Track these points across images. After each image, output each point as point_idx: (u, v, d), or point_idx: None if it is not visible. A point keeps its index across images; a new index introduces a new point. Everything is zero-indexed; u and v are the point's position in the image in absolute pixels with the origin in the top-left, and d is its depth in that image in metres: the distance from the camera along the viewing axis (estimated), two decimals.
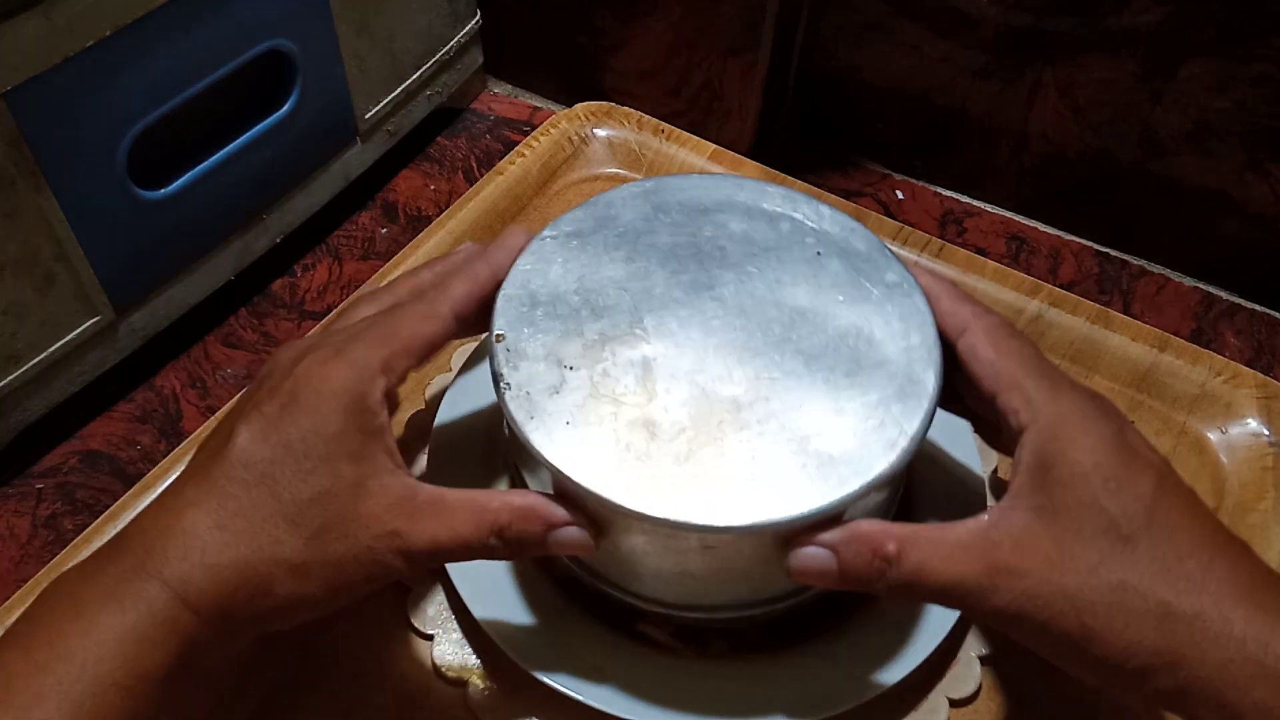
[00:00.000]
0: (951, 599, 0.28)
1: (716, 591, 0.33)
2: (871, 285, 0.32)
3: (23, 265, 0.40)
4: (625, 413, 0.29)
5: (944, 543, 0.28)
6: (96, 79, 0.39)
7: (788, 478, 0.28)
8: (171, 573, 0.27)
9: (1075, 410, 0.29)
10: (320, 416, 0.28)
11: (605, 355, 0.31)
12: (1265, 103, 0.48)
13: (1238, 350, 0.52)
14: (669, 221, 0.34)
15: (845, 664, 0.35)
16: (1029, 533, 0.27)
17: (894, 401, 0.30)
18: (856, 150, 0.61)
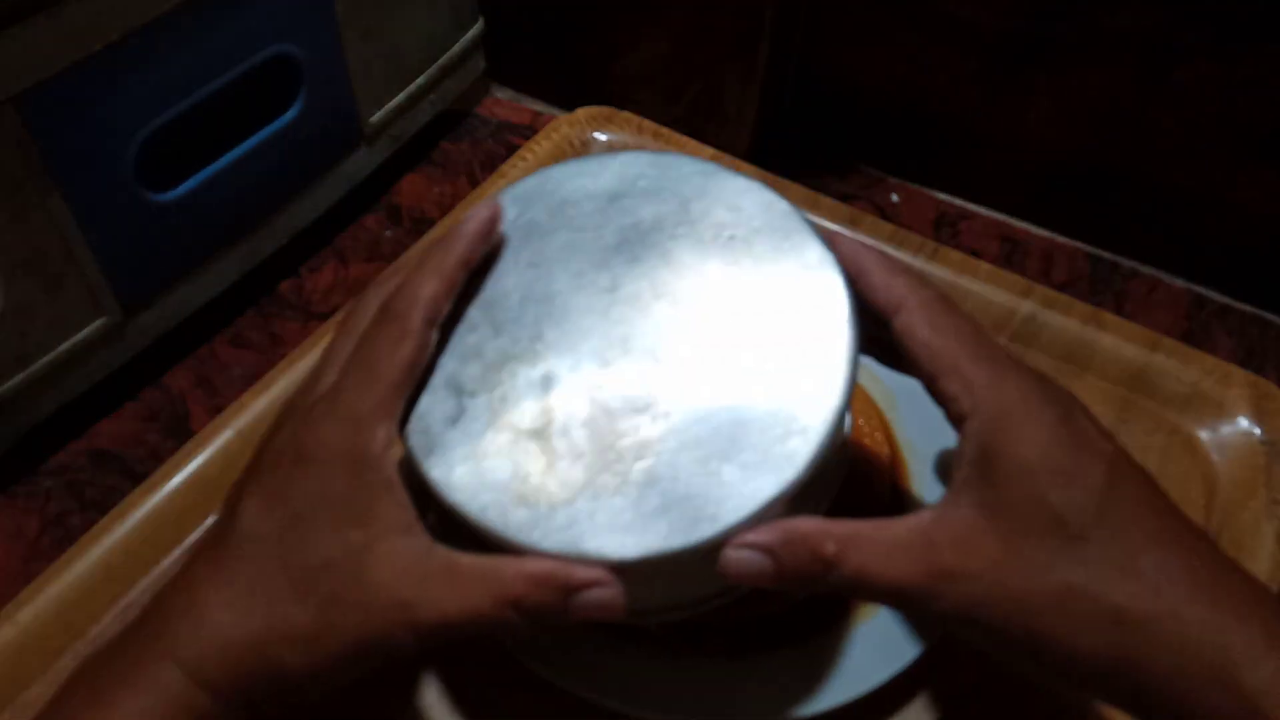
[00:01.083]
0: (895, 602, 0.27)
1: (648, 598, 0.31)
2: (787, 268, 0.30)
3: (32, 266, 0.40)
4: (524, 441, 0.28)
5: (883, 543, 0.26)
6: (105, 83, 0.39)
7: (691, 496, 0.26)
8: (184, 654, 0.26)
9: (1020, 396, 0.27)
10: (323, 481, 0.26)
11: (504, 377, 0.29)
12: (1256, 106, 0.49)
13: (1229, 350, 0.52)
14: (575, 215, 0.31)
15: (841, 660, 0.36)
16: (973, 531, 0.26)
17: (804, 394, 0.27)
18: (853, 154, 0.62)
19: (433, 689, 0.36)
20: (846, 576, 0.26)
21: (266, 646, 0.26)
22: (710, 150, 0.54)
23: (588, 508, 0.26)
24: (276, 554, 0.26)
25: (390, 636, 0.25)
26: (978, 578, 0.25)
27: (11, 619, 0.37)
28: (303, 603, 0.26)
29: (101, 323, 0.44)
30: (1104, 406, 0.46)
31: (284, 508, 0.27)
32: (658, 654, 0.36)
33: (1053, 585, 0.25)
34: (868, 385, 0.44)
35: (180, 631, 0.26)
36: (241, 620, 0.26)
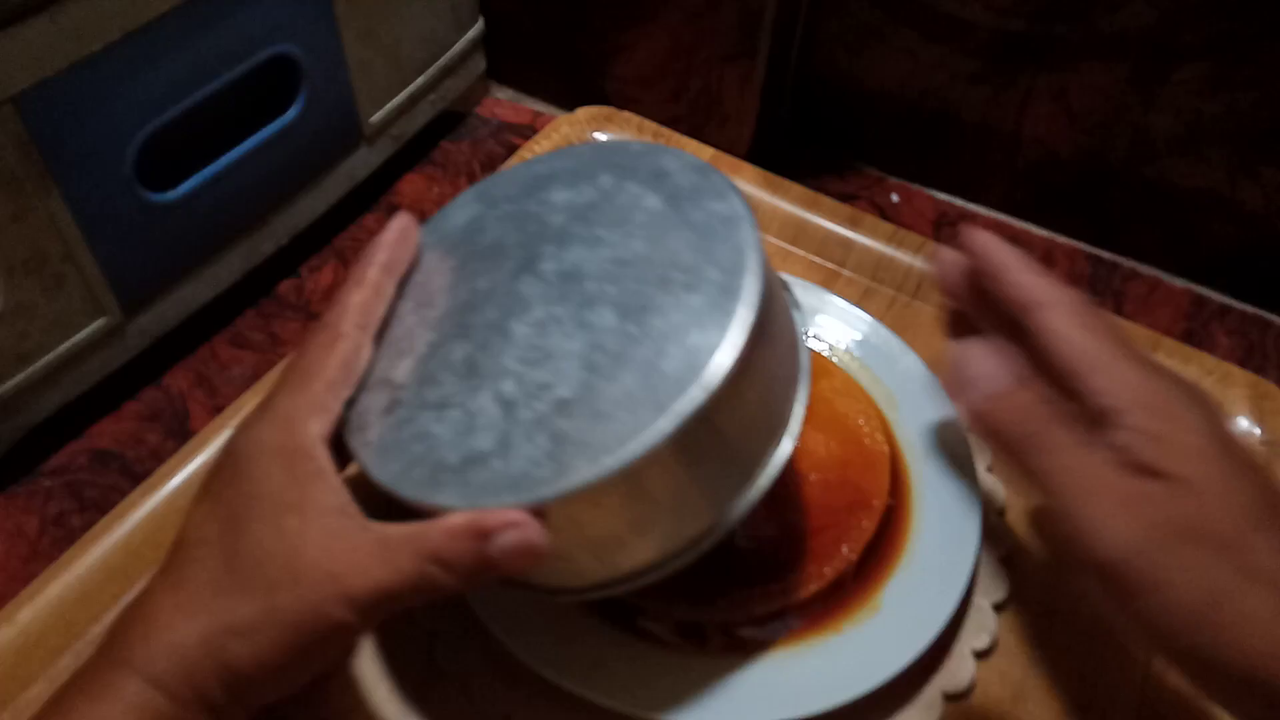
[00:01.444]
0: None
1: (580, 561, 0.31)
2: (693, 222, 0.31)
3: (32, 266, 0.40)
4: (446, 418, 0.29)
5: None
6: (105, 83, 0.40)
7: (593, 443, 0.27)
8: (138, 660, 0.27)
9: (1173, 395, 0.27)
10: (257, 478, 0.28)
11: (432, 367, 0.30)
12: (1256, 106, 0.49)
13: (1229, 350, 0.52)
14: (498, 213, 0.33)
15: (841, 658, 0.36)
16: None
17: (698, 345, 0.28)
18: (852, 154, 0.62)
19: (434, 690, 0.36)
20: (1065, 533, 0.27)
21: (214, 642, 0.27)
22: (710, 150, 0.54)
23: (501, 465, 0.28)
24: (219, 553, 0.27)
25: (327, 612, 0.26)
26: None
27: (11, 619, 0.37)
28: (245, 594, 0.27)
29: (101, 323, 0.44)
30: None
31: (225, 509, 0.28)
32: (659, 654, 0.36)
33: (1208, 588, 0.26)
34: (868, 385, 0.44)
35: (134, 639, 0.27)
36: (189, 620, 0.27)
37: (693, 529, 0.31)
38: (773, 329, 0.30)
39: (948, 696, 0.36)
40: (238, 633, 0.27)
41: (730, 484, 0.30)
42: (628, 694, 0.34)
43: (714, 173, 0.32)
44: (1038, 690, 0.37)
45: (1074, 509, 0.27)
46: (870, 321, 0.46)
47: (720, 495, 0.30)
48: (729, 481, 0.30)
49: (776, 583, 0.37)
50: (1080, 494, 0.27)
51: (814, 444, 0.41)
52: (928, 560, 0.38)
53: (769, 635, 0.37)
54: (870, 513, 0.39)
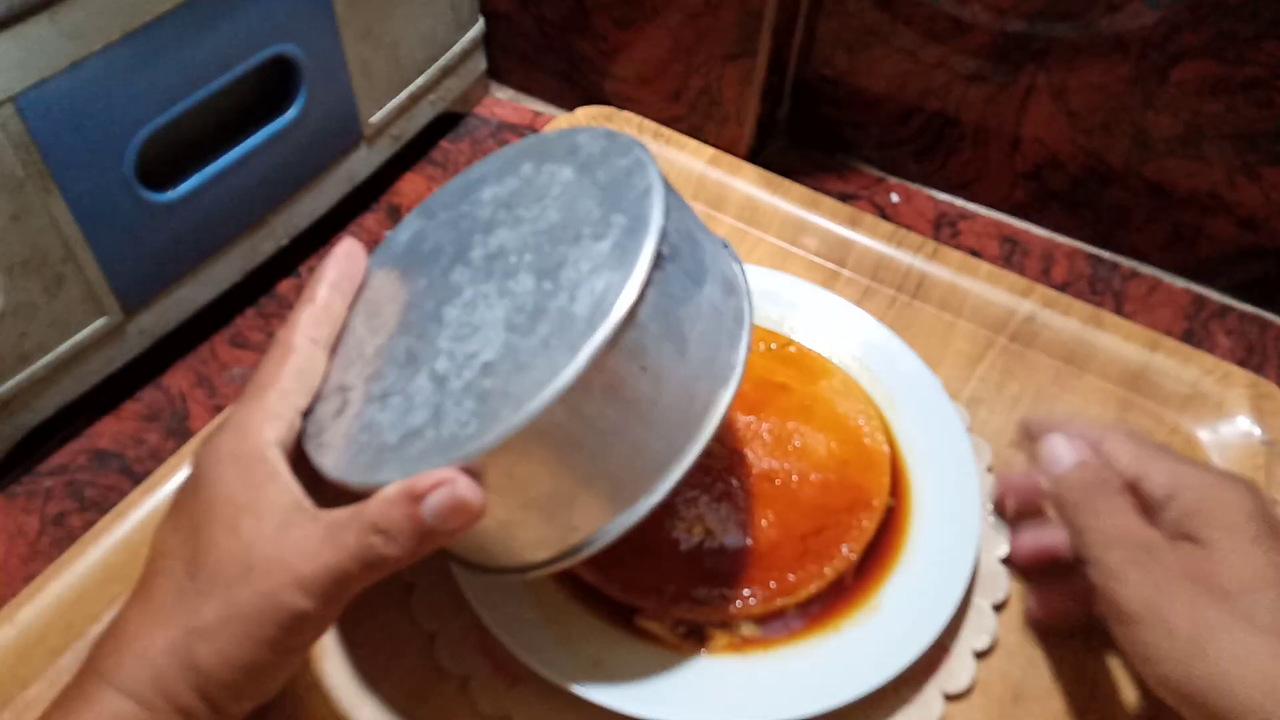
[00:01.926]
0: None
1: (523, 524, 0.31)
2: (601, 181, 0.31)
3: (32, 266, 0.40)
4: (387, 407, 0.30)
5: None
6: (105, 83, 0.40)
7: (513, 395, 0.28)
8: (108, 669, 0.28)
9: (1222, 482, 0.33)
10: (215, 486, 0.29)
11: (378, 367, 0.31)
12: (1256, 106, 0.49)
13: (1229, 350, 0.52)
14: (436, 223, 0.35)
15: (841, 658, 0.36)
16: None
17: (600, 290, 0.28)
18: (852, 154, 0.62)
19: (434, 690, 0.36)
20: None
21: (180, 647, 0.28)
22: (710, 150, 0.54)
23: (434, 434, 0.28)
24: (182, 562, 0.29)
25: (283, 600, 0.27)
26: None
27: (11, 619, 0.37)
28: (207, 596, 0.28)
29: (101, 323, 0.44)
30: (1104, 406, 0.46)
31: (187, 519, 0.29)
32: (659, 653, 0.36)
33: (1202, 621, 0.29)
34: (868, 386, 0.44)
35: (106, 652, 0.29)
36: (157, 630, 0.28)
37: (642, 477, 0.30)
38: (690, 264, 0.30)
39: (948, 697, 0.36)
40: (202, 634, 0.28)
41: (671, 426, 0.30)
42: (628, 694, 0.34)
43: (620, 135, 0.32)
44: (1038, 690, 0.37)
45: (1100, 555, 0.32)
46: (870, 321, 0.46)
47: (664, 438, 0.30)
48: (669, 423, 0.30)
49: (776, 582, 0.37)
50: (1107, 543, 0.32)
51: (814, 444, 0.41)
52: (927, 560, 0.38)
53: (769, 635, 0.37)
54: (870, 513, 0.39)
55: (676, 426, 0.30)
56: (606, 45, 0.59)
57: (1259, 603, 0.29)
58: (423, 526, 0.27)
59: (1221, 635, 0.29)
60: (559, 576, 0.37)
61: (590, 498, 0.30)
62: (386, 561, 0.27)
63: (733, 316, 0.32)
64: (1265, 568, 0.30)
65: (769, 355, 0.45)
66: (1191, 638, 0.29)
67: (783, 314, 0.47)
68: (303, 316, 0.32)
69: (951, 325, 0.49)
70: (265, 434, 0.29)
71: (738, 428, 0.41)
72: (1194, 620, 0.29)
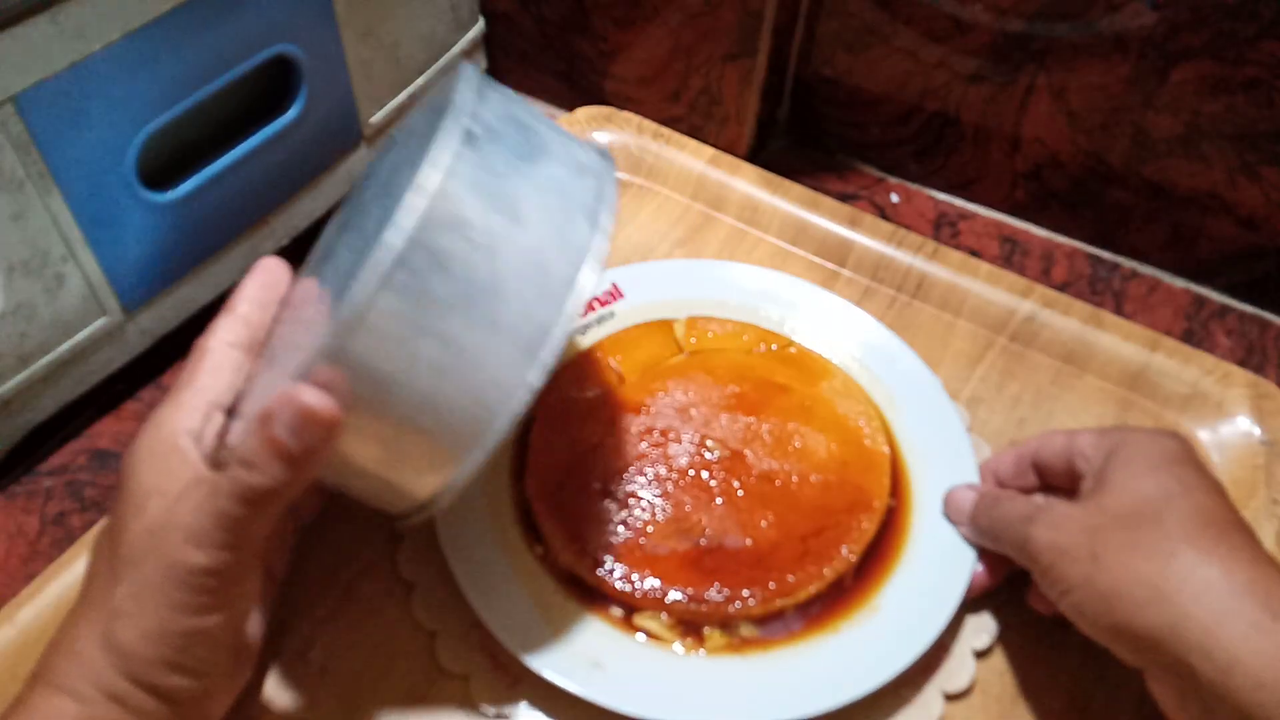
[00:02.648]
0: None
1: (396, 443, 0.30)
2: (434, 102, 0.32)
3: (32, 266, 0.40)
4: (270, 371, 0.31)
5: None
6: (105, 83, 0.40)
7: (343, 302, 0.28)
8: (44, 669, 0.29)
9: (1142, 431, 0.36)
10: (132, 479, 0.30)
11: (277, 349, 0.32)
12: (1256, 106, 0.49)
13: (1229, 350, 0.52)
14: (348, 209, 0.36)
15: (841, 658, 0.36)
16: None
17: (411, 189, 0.28)
18: (852, 154, 0.62)
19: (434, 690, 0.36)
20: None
21: (104, 633, 0.29)
22: (710, 150, 0.54)
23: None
24: (106, 560, 0.30)
25: (178, 559, 0.28)
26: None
27: (11, 619, 0.37)
28: (121, 579, 0.29)
29: (102, 322, 0.44)
30: (1104, 407, 0.46)
31: (114, 520, 0.30)
32: (658, 654, 0.36)
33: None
34: (868, 386, 0.44)
35: (46, 656, 0.30)
36: (87, 625, 0.29)
37: (511, 358, 0.29)
38: (518, 144, 0.30)
39: (947, 696, 0.36)
40: (118, 615, 0.29)
41: (527, 300, 0.29)
42: (626, 694, 0.34)
43: (464, 66, 0.32)
44: (1038, 690, 0.37)
45: (1010, 534, 0.35)
46: (871, 322, 0.46)
47: (523, 312, 0.29)
48: (524, 296, 0.29)
49: (776, 583, 0.37)
50: (1010, 523, 0.35)
51: (814, 444, 0.41)
52: (927, 561, 0.38)
53: (768, 636, 0.37)
54: (870, 513, 0.39)
55: (535, 300, 0.29)
56: (606, 45, 0.59)
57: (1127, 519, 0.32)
58: (281, 447, 0.27)
59: (1107, 543, 0.32)
60: (559, 576, 0.37)
61: (462, 386, 0.29)
62: (261, 492, 0.28)
63: (589, 195, 0.31)
64: (1149, 490, 0.32)
65: (769, 356, 0.45)
66: (1089, 554, 0.32)
67: (783, 314, 0.47)
68: (219, 323, 0.34)
69: (951, 325, 0.49)
70: (176, 424, 0.31)
71: (737, 429, 0.41)
72: (1089, 544, 0.32)
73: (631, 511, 0.38)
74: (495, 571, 0.37)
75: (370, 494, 0.32)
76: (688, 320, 0.46)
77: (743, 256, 0.51)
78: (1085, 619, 0.32)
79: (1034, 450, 0.38)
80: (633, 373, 0.43)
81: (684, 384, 0.43)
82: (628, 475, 0.39)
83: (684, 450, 0.40)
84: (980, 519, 0.38)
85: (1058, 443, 0.37)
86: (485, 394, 0.29)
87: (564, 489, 0.39)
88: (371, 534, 0.40)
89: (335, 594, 0.38)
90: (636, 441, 0.40)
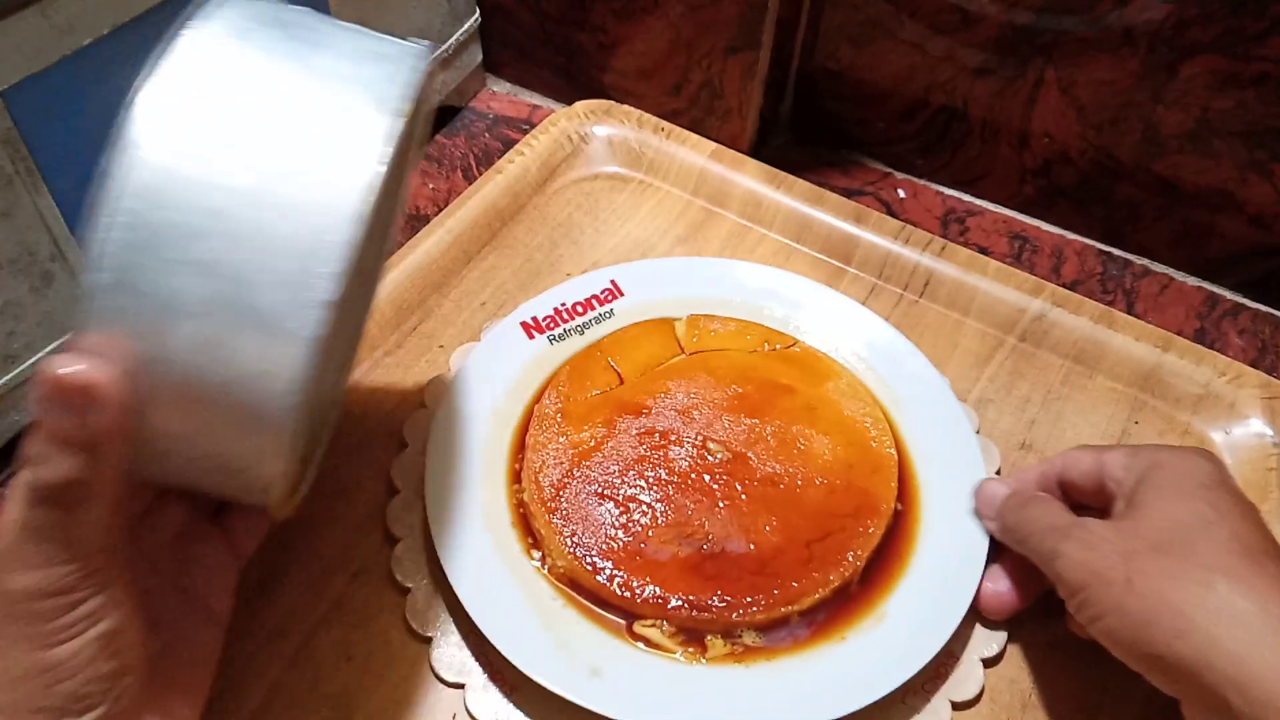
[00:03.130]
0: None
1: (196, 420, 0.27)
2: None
3: (20, 264, 0.40)
4: None
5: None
6: (95, 78, 0.39)
7: None
8: None
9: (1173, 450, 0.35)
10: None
11: None
12: (1267, 102, 0.48)
13: (1241, 350, 0.52)
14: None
15: (846, 667, 0.35)
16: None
17: None
18: (857, 149, 0.61)
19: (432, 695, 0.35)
20: None
21: None
22: (712, 145, 0.54)
23: None
24: None
25: (10, 586, 0.25)
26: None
27: None
28: None
29: None
30: (1115, 408, 0.45)
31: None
32: (658, 662, 0.35)
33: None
34: (874, 387, 0.43)
35: None
36: None
37: (279, 298, 0.25)
38: (277, 39, 0.27)
39: (956, 705, 0.36)
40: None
41: (286, 220, 0.25)
42: (626, 702, 0.34)
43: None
44: (1046, 698, 0.36)
45: (1039, 546, 0.34)
46: (877, 321, 0.46)
47: (283, 237, 0.25)
48: (286, 215, 0.25)
49: (780, 589, 0.36)
50: (1043, 534, 0.34)
51: (819, 447, 0.40)
52: (935, 566, 0.38)
53: (771, 644, 0.36)
54: (877, 518, 0.38)
55: (305, 200, 0.25)
56: (605, 38, 0.58)
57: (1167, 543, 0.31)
58: (59, 432, 0.24)
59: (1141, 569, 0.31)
60: (556, 583, 0.37)
61: (242, 315, 0.25)
62: (59, 488, 0.24)
63: (381, 81, 0.27)
64: (1184, 515, 0.31)
65: (772, 356, 0.44)
66: (1123, 578, 0.31)
67: (787, 313, 0.46)
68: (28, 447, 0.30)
69: (960, 324, 0.48)
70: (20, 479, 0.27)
71: (740, 431, 0.40)
72: (1124, 568, 0.31)
73: (631, 516, 0.38)
74: (492, 577, 0.36)
75: (216, 482, 0.29)
76: (689, 319, 0.45)
77: (745, 254, 0.50)
78: (1119, 646, 0.31)
79: (1060, 469, 0.37)
80: (633, 373, 0.43)
81: (685, 385, 0.42)
82: (628, 479, 0.39)
83: (685, 453, 0.39)
84: (1008, 516, 0.37)
85: (1086, 462, 0.36)
86: (274, 321, 0.25)
87: (562, 493, 0.38)
88: (365, 539, 0.39)
89: (328, 600, 0.38)
90: (637, 444, 0.40)
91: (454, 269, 0.48)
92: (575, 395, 0.41)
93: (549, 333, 0.44)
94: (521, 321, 0.44)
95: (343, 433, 0.42)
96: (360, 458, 0.41)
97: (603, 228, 0.51)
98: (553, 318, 0.45)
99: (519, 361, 0.43)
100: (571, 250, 0.50)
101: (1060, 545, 0.33)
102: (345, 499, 0.40)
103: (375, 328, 0.45)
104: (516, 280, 0.49)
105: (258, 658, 0.36)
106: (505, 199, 0.51)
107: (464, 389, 0.41)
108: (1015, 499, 0.37)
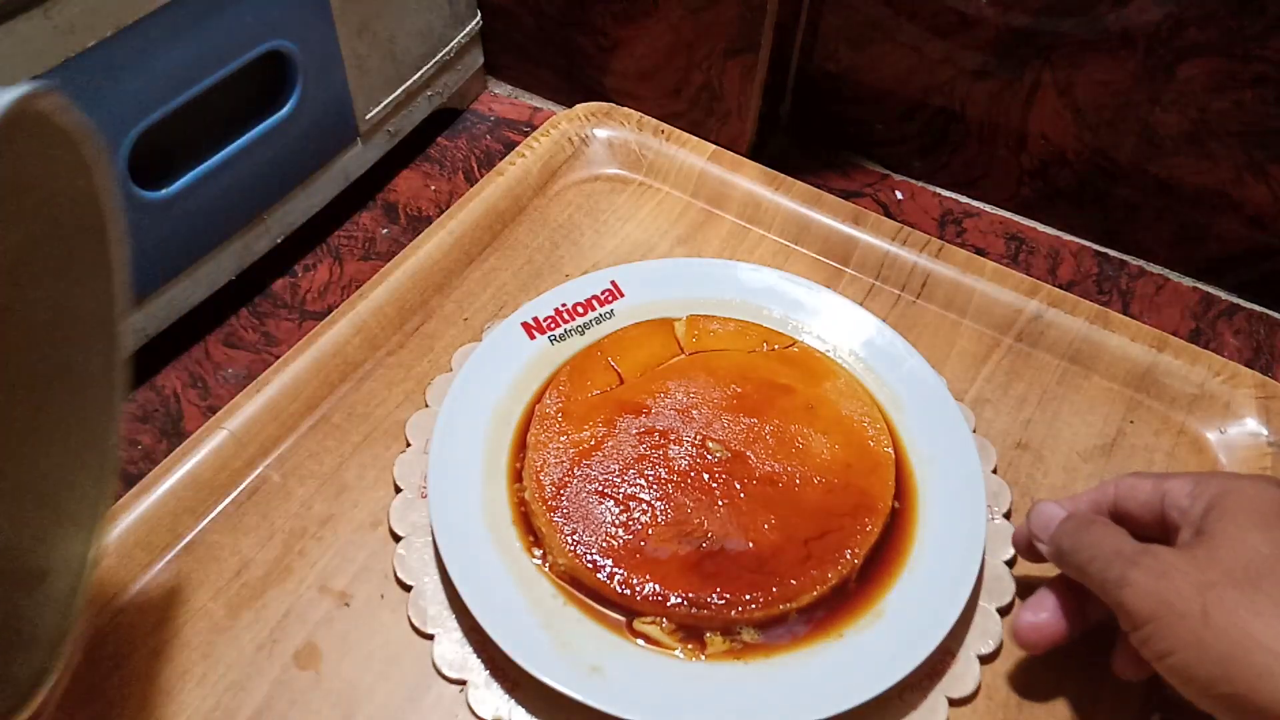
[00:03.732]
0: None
1: None
2: None
3: None
4: None
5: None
6: (98, 79, 0.39)
7: None
8: None
9: (1238, 477, 0.33)
10: None
11: None
12: (1264, 103, 0.48)
13: (1236, 350, 0.52)
14: None
15: (844, 663, 0.35)
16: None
17: None
18: (856, 151, 0.61)
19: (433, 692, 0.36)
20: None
21: None
22: (711, 147, 0.54)
23: None
24: None
25: None
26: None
27: None
28: None
29: None
30: (1111, 407, 0.45)
31: None
32: (658, 659, 0.35)
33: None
34: (872, 387, 0.44)
35: None
36: None
37: None
38: None
39: (952, 702, 0.36)
40: None
41: None
42: (626, 699, 0.34)
43: None
44: (1043, 695, 0.37)
45: (1102, 573, 0.32)
46: (874, 322, 0.46)
47: None
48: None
49: (778, 587, 0.36)
50: (1107, 561, 0.32)
51: (817, 446, 0.40)
52: (932, 564, 0.38)
53: (770, 640, 0.36)
54: (875, 516, 0.39)
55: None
56: (606, 40, 0.58)
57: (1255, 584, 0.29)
58: None
59: (1220, 601, 0.29)
60: (557, 580, 0.37)
61: None
62: None
63: None
64: (1262, 546, 0.30)
65: (771, 356, 0.44)
66: (1200, 610, 0.29)
67: (785, 313, 0.46)
68: None
69: (957, 325, 0.48)
70: None
71: (739, 430, 0.40)
72: (1199, 600, 0.29)
73: (631, 514, 0.38)
74: (493, 575, 0.37)
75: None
76: (688, 319, 0.45)
77: (744, 255, 0.51)
78: (1191, 684, 0.29)
79: (1113, 497, 0.35)
80: (633, 373, 0.43)
81: (685, 384, 0.42)
82: (628, 477, 0.39)
83: (685, 452, 0.40)
84: (1066, 540, 0.34)
85: (1145, 489, 0.34)
86: None
87: (563, 491, 0.38)
88: (368, 537, 0.39)
89: (331, 598, 0.38)
90: (637, 443, 0.40)
91: (455, 270, 0.49)
92: (576, 395, 0.42)
93: (550, 333, 0.45)
94: (522, 322, 0.45)
95: (347, 432, 0.43)
96: (363, 457, 0.42)
97: (603, 229, 0.52)
98: (553, 318, 0.45)
99: (520, 361, 0.43)
100: (572, 251, 0.50)
101: (1128, 572, 0.31)
102: (349, 497, 0.41)
103: (378, 327, 0.46)
104: (517, 281, 0.49)
105: (260, 656, 0.36)
106: (506, 201, 0.51)
107: (466, 389, 0.42)
108: (1073, 521, 0.35)
